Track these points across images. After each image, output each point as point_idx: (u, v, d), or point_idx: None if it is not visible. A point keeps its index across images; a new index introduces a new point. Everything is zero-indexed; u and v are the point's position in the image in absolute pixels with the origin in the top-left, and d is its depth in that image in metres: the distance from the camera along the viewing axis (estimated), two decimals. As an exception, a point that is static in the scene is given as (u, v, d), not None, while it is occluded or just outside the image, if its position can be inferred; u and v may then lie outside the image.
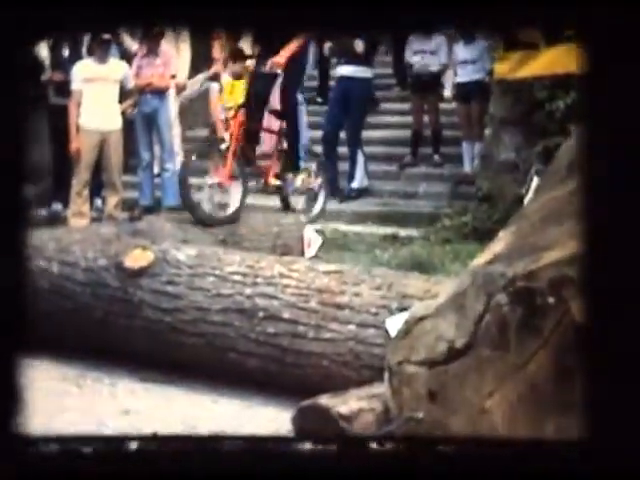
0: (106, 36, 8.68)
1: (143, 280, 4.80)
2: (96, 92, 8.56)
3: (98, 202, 9.35)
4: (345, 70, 9.71)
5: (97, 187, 9.10)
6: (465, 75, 9.66)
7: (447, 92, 10.13)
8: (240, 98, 7.32)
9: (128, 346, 4.82)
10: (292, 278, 4.55)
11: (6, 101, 1.80)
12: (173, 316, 4.68)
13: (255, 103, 7.36)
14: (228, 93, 7.57)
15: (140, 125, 9.05)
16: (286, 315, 4.42)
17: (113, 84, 8.69)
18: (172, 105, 9.35)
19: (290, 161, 7.62)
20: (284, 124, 7.70)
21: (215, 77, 8.64)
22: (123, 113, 8.81)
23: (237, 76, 7.61)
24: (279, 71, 7.35)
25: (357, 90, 9.55)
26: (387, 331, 4.06)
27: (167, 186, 8.77)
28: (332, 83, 10.64)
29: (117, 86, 8.70)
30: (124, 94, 8.82)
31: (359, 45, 9.49)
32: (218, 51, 9.29)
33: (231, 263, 4.77)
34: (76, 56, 9.29)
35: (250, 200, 8.47)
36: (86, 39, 9.38)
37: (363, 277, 4.50)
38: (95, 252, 5.09)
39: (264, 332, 4.43)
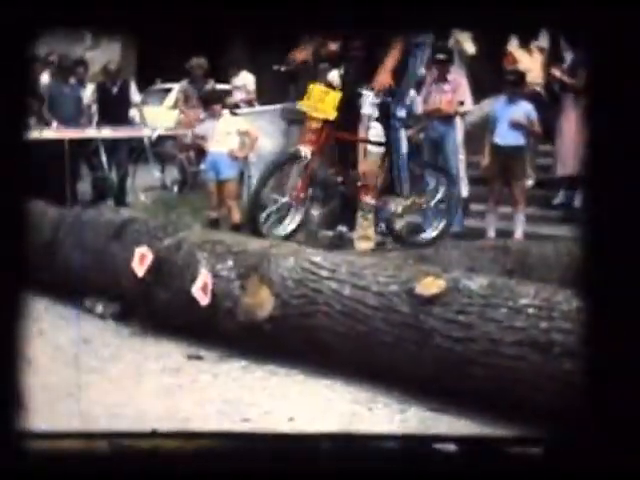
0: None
1: (434, 308, 4.78)
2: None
3: (382, 226, 9.47)
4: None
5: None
6: None
7: None
8: (331, 110, 6.70)
9: (417, 373, 4.81)
10: (590, 314, 4.36)
11: (8, 104, 1.84)
12: (464, 346, 4.62)
13: (347, 117, 6.85)
14: (317, 100, 6.73)
15: (427, 150, 9.12)
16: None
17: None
18: (459, 131, 9.35)
19: (390, 182, 7.02)
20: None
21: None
22: (410, 138, 8.89)
23: (330, 84, 7.01)
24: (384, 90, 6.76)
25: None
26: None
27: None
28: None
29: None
30: (412, 119, 8.91)
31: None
32: None
33: (525, 295, 4.63)
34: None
35: (538, 229, 8.33)
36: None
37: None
38: (386, 277, 5.13)
39: (559, 368, 4.28)
